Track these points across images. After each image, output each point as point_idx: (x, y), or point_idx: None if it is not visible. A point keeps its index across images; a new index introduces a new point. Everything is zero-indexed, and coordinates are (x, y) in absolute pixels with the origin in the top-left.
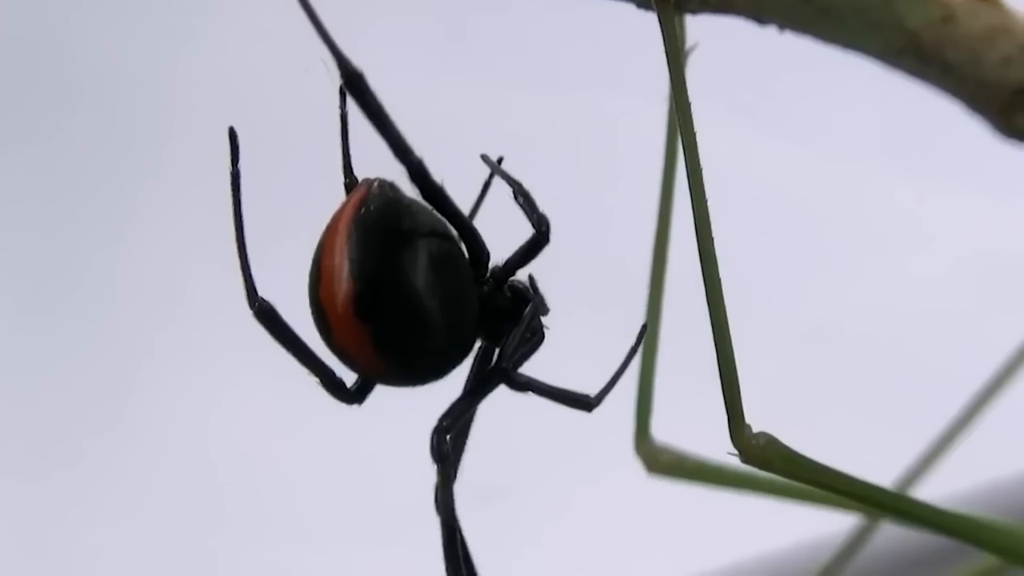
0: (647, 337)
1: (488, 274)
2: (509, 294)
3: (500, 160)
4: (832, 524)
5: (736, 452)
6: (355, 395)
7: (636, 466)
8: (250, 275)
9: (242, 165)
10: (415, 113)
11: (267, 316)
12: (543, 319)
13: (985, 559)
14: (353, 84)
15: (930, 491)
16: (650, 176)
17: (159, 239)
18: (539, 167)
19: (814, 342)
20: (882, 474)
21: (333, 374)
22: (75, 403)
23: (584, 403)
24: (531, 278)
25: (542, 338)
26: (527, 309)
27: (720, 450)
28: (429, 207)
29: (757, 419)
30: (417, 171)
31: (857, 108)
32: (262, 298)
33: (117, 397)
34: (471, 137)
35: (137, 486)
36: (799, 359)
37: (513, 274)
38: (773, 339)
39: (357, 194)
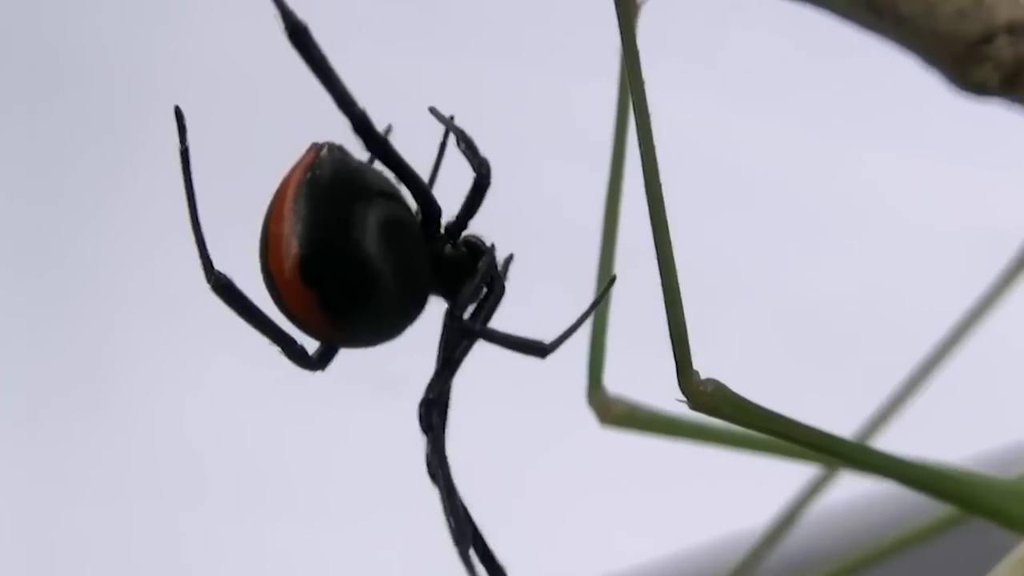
0: (599, 291)
1: (441, 230)
2: (464, 249)
3: (452, 117)
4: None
5: (684, 399)
6: (317, 362)
7: (590, 419)
8: (205, 250)
9: (218, 142)
10: (387, 87)
11: (224, 289)
12: (502, 271)
13: (945, 510)
14: (297, 36)
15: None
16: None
17: (138, 219)
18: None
19: (787, 317)
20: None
21: (294, 342)
22: (50, 381)
23: (538, 349)
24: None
25: (502, 290)
26: (481, 261)
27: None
28: (378, 170)
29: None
30: (360, 123)
31: (829, 78)
32: (219, 271)
33: (94, 374)
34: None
35: (113, 463)
36: (772, 333)
37: (465, 227)
38: (745, 313)
39: (305, 159)
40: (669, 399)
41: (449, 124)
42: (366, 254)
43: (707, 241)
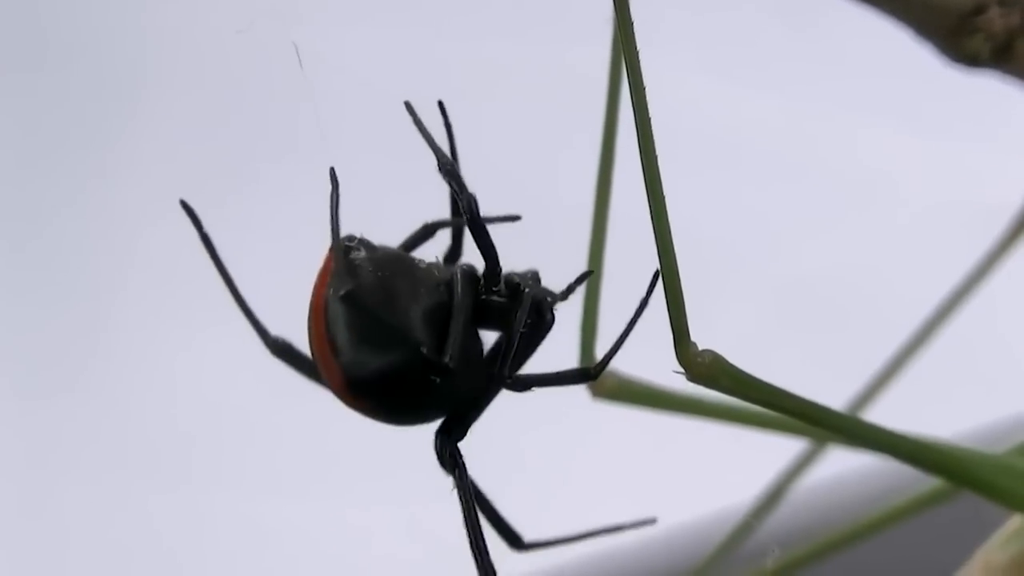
0: (591, 264)
1: (492, 283)
2: (506, 291)
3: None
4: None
5: (682, 370)
6: None
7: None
8: (256, 320)
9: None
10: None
11: (284, 351)
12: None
13: (934, 483)
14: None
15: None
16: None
17: (131, 186)
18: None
19: (781, 288)
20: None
21: None
22: (43, 349)
23: (586, 375)
24: (535, 274)
25: (550, 325)
26: (520, 308)
27: (668, 379)
28: (400, 254)
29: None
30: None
31: (822, 54)
32: (275, 337)
33: (86, 341)
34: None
35: (102, 432)
36: (765, 305)
37: (497, 272)
38: (739, 285)
39: (325, 266)
40: (662, 374)
41: (435, 148)
42: (406, 364)
43: (700, 214)
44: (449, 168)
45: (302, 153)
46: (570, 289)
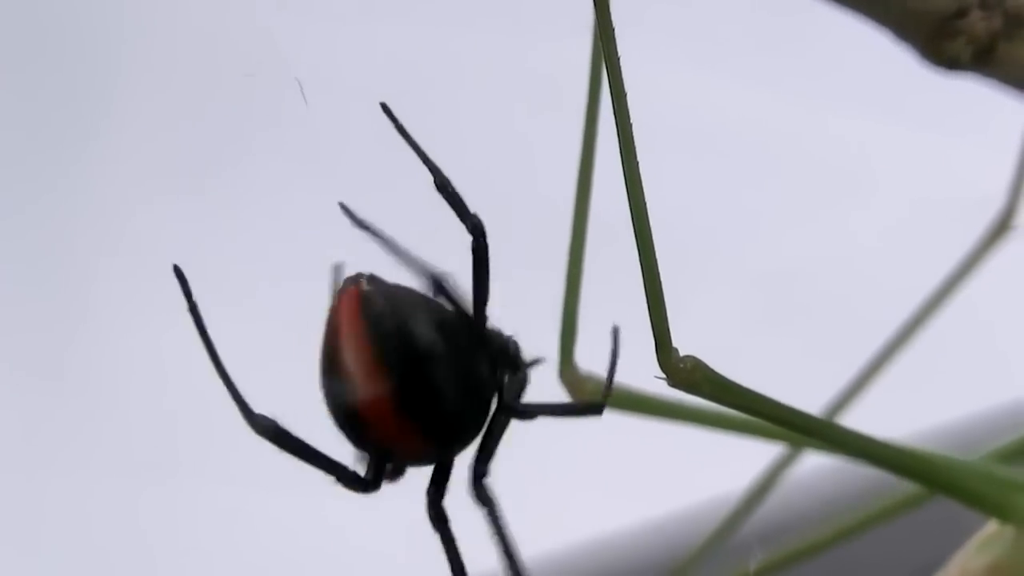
0: (571, 264)
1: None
2: (495, 339)
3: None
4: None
5: (663, 376)
6: (372, 483)
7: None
8: (240, 398)
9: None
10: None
11: (269, 432)
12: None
13: (910, 489)
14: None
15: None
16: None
17: (119, 163)
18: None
19: (764, 285)
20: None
21: (346, 469)
22: (24, 336)
23: (595, 408)
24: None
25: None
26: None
27: (649, 381)
28: (412, 288)
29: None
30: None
31: (808, 47)
32: (260, 415)
33: (67, 325)
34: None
35: (83, 420)
36: (748, 300)
37: (485, 316)
38: (721, 281)
39: (350, 299)
40: (644, 376)
41: (427, 161)
42: (452, 377)
43: (680, 205)
44: (447, 187)
45: (283, 143)
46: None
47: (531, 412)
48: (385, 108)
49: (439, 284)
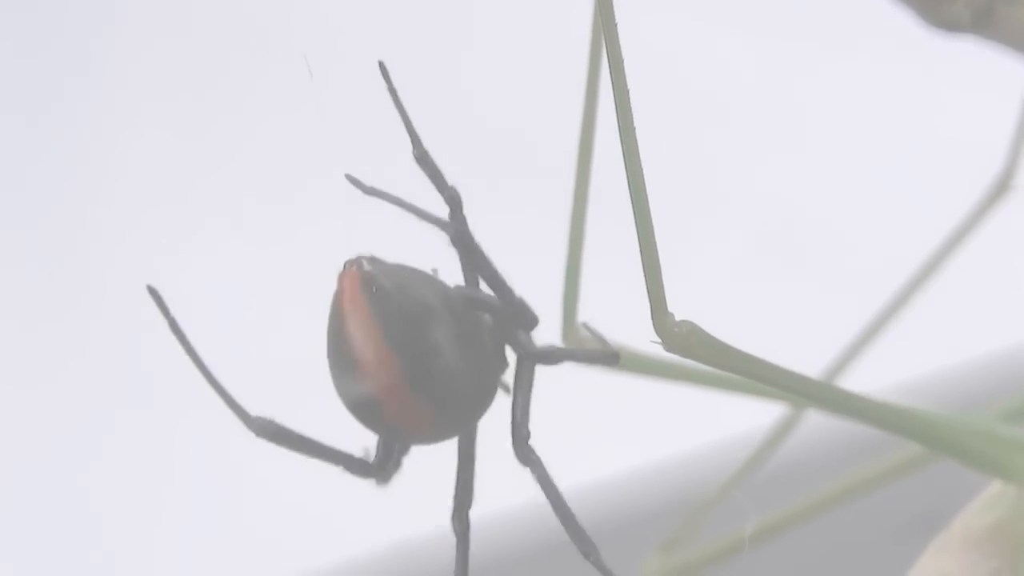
0: (573, 225)
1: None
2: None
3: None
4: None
5: (659, 340)
6: (379, 470)
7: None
8: (235, 403)
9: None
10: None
11: (270, 432)
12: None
13: (910, 449)
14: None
15: (857, 383)
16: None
17: (121, 94)
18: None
19: (763, 235)
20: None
21: (351, 457)
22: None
23: (612, 356)
24: None
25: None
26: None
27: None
28: (408, 266)
29: (702, 317)
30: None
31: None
32: (258, 417)
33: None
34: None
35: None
36: (748, 252)
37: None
38: (721, 233)
39: (352, 280)
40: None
41: (410, 129)
42: (459, 350)
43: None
44: (424, 157)
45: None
46: None
47: (555, 356)
48: (382, 68)
49: (458, 234)
